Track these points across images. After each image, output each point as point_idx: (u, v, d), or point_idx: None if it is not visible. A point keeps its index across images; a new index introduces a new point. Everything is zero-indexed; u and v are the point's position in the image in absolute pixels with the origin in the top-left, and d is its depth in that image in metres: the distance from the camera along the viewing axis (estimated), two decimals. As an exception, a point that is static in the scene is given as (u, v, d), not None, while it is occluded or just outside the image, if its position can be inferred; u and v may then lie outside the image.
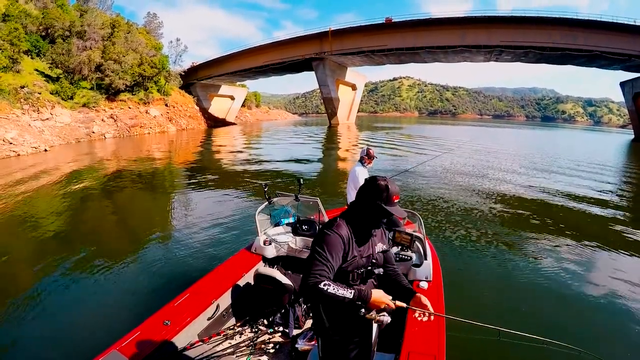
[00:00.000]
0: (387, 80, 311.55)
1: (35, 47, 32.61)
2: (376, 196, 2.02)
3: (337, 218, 2.05)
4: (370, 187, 2.06)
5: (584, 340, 4.09)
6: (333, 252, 1.89)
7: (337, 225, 1.97)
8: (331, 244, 1.90)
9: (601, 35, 40.38)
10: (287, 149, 24.73)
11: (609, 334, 4.29)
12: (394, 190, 2.04)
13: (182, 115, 45.68)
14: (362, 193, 2.09)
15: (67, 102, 29.61)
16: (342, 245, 1.94)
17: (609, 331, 4.35)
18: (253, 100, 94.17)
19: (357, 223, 2.06)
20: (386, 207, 2.01)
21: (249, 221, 7.40)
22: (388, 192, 2.02)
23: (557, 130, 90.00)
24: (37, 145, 20.23)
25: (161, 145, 26.83)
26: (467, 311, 4.37)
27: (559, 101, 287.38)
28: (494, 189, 12.02)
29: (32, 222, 7.90)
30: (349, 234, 1.99)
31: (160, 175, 14.51)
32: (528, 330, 4.07)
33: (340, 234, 1.94)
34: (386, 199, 2.02)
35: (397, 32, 48.95)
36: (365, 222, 2.09)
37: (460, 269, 5.86)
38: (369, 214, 2.06)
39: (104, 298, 4.75)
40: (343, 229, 1.97)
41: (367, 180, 2.11)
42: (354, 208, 2.12)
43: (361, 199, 2.08)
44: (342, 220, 2.03)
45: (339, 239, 1.92)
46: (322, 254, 1.87)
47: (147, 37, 44.50)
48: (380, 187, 2.02)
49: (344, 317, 2.00)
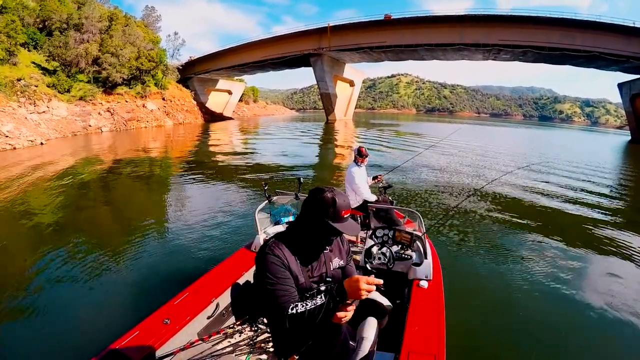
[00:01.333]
0: (385, 77, 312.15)
1: (32, 40, 32.50)
2: (322, 212, 1.79)
3: (271, 238, 1.87)
4: (314, 202, 1.81)
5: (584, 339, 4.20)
6: (279, 273, 1.73)
7: (270, 248, 1.79)
8: (272, 269, 1.73)
9: (600, 36, 40.46)
10: (284, 145, 24.67)
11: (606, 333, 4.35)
12: (343, 204, 1.81)
13: (179, 110, 45.60)
14: (305, 208, 1.86)
15: (63, 95, 29.52)
16: (283, 267, 1.76)
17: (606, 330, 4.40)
18: (251, 95, 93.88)
19: (301, 241, 1.87)
20: (334, 224, 1.78)
21: (249, 220, 7.37)
22: (335, 207, 1.78)
23: (554, 130, 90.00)
24: (33, 138, 20.20)
25: (158, 139, 26.81)
26: (467, 310, 4.49)
27: (556, 101, 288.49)
28: (492, 189, 12.05)
29: (29, 219, 7.87)
30: (287, 255, 1.80)
31: (157, 171, 14.47)
32: (528, 329, 4.24)
33: (277, 255, 1.76)
34: (333, 215, 1.78)
35: (396, 29, 48.84)
36: (313, 240, 1.88)
37: (461, 268, 5.90)
38: (315, 231, 1.84)
39: (103, 297, 4.75)
40: (277, 250, 1.78)
41: (311, 193, 1.87)
42: (297, 224, 1.91)
43: (305, 215, 1.85)
44: (277, 241, 1.84)
45: (277, 260, 1.75)
46: (272, 280, 1.70)
47: (145, 31, 44.31)
48: (326, 201, 1.78)
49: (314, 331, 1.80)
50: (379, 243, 4.02)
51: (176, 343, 2.62)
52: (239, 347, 2.86)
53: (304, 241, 1.88)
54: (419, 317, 2.82)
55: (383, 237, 4.11)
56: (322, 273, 1.94)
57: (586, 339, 4.22)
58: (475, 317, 4.41)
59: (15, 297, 4.69)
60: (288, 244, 1.84)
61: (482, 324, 4.34)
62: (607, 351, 4.01)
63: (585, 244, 7.34)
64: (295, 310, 1.61)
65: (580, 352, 3.97)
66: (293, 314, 1.61)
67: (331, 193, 1.81)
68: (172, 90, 47.06)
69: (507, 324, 4.39)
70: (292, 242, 1.86)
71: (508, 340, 4.11)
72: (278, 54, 56.84)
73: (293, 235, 1.88)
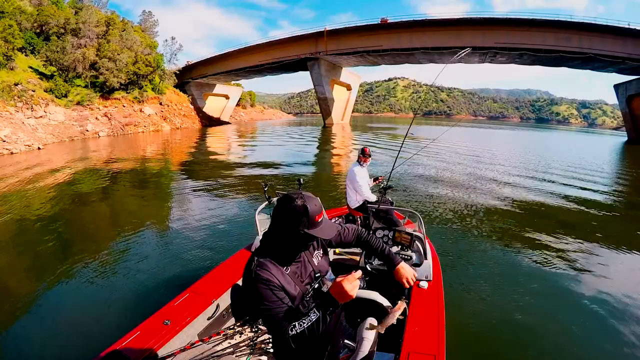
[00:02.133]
0: (382, 81, 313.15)
1: (29, 44, 32.48)
2: (295, 222, 1.72)
3: (254, 258, 1.76)
4: (285, 213, 1.73)
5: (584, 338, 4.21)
6: (272, 297, 1.67)
7: (256, 274, 1.69)
8: (265, 294, 1.66)
9: (595, 37, 40.76)
10: (281, 148, 24.76)
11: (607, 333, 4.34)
12: (315, 209, 1.75)
13: (177, 114, 45.61)
14: (277, 219, 1.76)
15: (61, 100, 29.52)
16: (276, 289, 1.69)
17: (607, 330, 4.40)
18: (248, 100, 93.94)
19: (281, 252, 1.82)
20: (310, 231, 1.74)
21: (249, 221, 7.41)
22: (308, 214, 1.72)
23: (551, 132, 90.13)
24: (30, 143, 20.22)
25: (156, 144, 26.79)
26: (467, 310, 4.53)
27: (553, 103, 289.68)
28: (492, 189, 12.15)
29: (29, 222, 7.87)
30: (275, 273, 1.73)
31: (156, 175, 14.47)
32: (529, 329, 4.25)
33: (266, 279, 1.68)
34: (307, 223, 1.73)
35: (392, 33, 49.11)
36: (292, 249, 1.84)
37: (461, 268, 5.93)
38: (292, 241, 1.78)
39: (103, 298, 4.76)
40: (264, 273, 1.70)
41: (280, 203, 1.77)
42: (273, 236, 1.82)
43: (279, 226, 1.77)
44: (260, 261, 1.74)
45: (268, 284, 1.68)
46: (267, 306, 1.65)
47: (142, 36, 44.32)
48: (297, 210, 1.71)
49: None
50: None
51: (176, 344, 2.65)
52: (239, 348, 2.85)
53: (284, 252, 1.82)
54: (419, 318, 2.83)
55: (383, 238, 4.09)
56: (310, 273, 1.95)
57: (586, 338, 4.23)
58: (475, 317, 4.44)
59: (16, 298, 4.70)
60: (271, 260, 1.77)
61: (482, 324, 4.36)
62: (607, 351, 4.00)
63: (585, 243, 7.39)
64: (295, 331, 1.61)
65: (581, 351, 3.97)
66: (294, 334, 1.61)
67: (301, 200, 1.73)
68: (170, 95, 47.05)
69: (507, 323, 4.42)
70: (273, 256, 1.79)
71: (508, 340, 4.13)
72: (275, 59, 57.06)
73: (272, 249, 1.81)
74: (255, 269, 1.70)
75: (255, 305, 1.67)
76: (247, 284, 1.72)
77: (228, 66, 61.12)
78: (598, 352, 3.95)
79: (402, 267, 2.20)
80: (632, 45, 39.59)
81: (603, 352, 3.96)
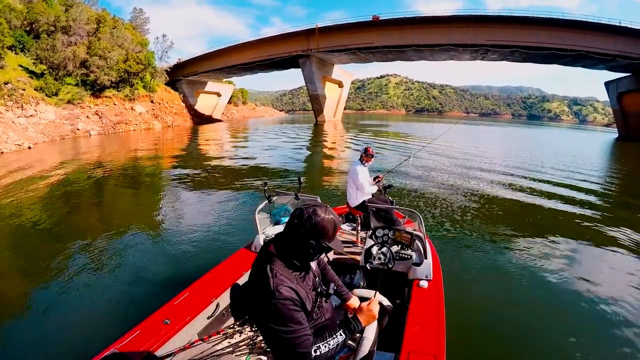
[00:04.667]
0: (374, 78, 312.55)
1: (19, 43, 32.39)
2: (320, 235, 1.69)
3: (269, 274, 1.65)
4: (312, 225, 1.68)
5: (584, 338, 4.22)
6: (294, 318, 1.61)
7: (277, 291, 1.60)
8: (287, 315, 1.60)
9: (586, 35, 41.38)
10: (276, 147, 24.65)
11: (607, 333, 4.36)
12: (338, 223, 1.75)
13: (168, 112, 45.60)
14: (300, 230, 1.69)
15: (51, 99, 29.44)
16: (298, 308, 1.65)
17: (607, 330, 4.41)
18: (240, 97, 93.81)
19: (296, 262, 1.77)
20: (330, 244, 1.73)
21: (249, 220, 7.31)
22: (335, 228, 1.72)
23: (543, 129, 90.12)
24: (21, 142, 20.24)
25: (148, 142, 26.79)
26: (467, 310, 4.54)
27: (544, 100, 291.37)
28: (492, 189, 12.28)
29: (24, 222, 7.87)
30: (295, 288, 1.68)
31: (152, 174, 14.41)
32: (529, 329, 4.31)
33: (288, 298, 1.61)
34: (330, 236, 1.72)
35: (384, 30, 49.39)
36: (307, 259, 1.79)
37: (461, 267, 5.89)
38: (312, 253, 1.73)
39: (103, 297, 4.76)
40: (286, 291, 1.62)
41: (304, 215, 1.70)
42: (288, 246, 1.75)
43: (297, 240, 1.71)
44: (279, 278, 1.65)
45: (290, 303, 1.61)
46: (290, 327, 1.59)
47: (133, 33, 44.14)
48: (325, 224, 1.68)
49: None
50: (379, 243, 4.03)
51: (176, 343, 2.64)
52: (239, 348, 2.82)
53: (299, 261, 1.78)
54: (419, 317, 2.84)
55: (383, 237, 4.13)
56: (313, 280, 1.93)
57: (586, 337, 4.23)
58: (475, 317, 4.46)
59: (15, 298, 4.76)
60: (286, 269, 1.73)
61: (482, 323, 4.38)
62: (607, 351, 4.01)
63: (585, 242, 7.46)
64: (318, 352, 1.63)
65: (581, 351, 3.96)
66: (317, 356, 1.61)
67: (328, 214, 1.71)
68: (161, 93, 47.01)
69: (507, 323, 4.43)
70: (290, 267, 1.75)
71: (508, 340, 4.14)
72: (267, 56, 57.12)
73: (287, 257, 1.75)
74: (276, 285, 1.61)
75: (273, 323, 1.60)
76: (264, 299, 1.61)
77: (220, 63, 61.00)
78: (598, 352, 3.97)
79: (351, 303, 2.33)
80: (622, 43, 40.25)
81: (603, 351, 3.99)
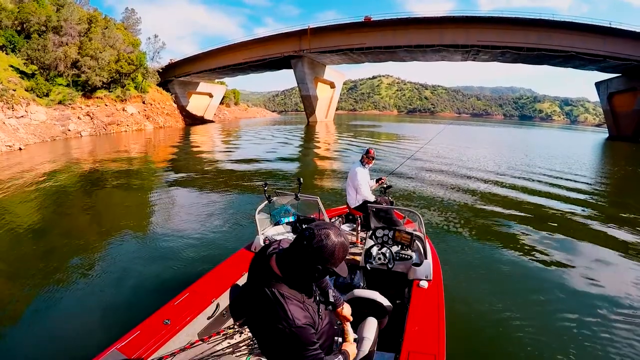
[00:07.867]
0: (366, 79, 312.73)
1: (10, 43, 32.26)
2: (329, 260, 1.62)
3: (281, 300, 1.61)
4: (319, 250, 1.59)
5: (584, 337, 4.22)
6: (310, 342, 1.63)
7: (293, 319, 1.57)
8: (306, 340, 1.61)
9: (577, 36, 42.01)
10: (266, 147, 24.80)
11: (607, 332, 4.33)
12: (347, 246, 1.68)
13: (160, 113, 45.55)
14: (305, 254, 1.61)
15: (42, 99, 29.33)
16: (314, 331, 1.67)
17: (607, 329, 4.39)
18: (232, 98, 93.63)
19: (302, 284, 1.73)
20: (337, 269, 1.68)
21: (249, 220, 7.56)
22: (344, 252, 1.65)
23: (535, 129, 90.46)
24: (11, 143, 20.24)
25: (140, 143, 26.81)
26: (467, 310, 4.58)
27: (536, 100, 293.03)
28: (492, 189, 12.36)
29: (20, 224, 7.86)
30: (308, 311, 1.69)
31: (150, 174, 14.53)
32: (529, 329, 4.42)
33: (305, 325, 1.61)
34: (339, 262, 1.67)
35: (376, 31, 49.79)
36: (312, 282, 1.78)
37: (461, 268, 5.88)
38: (318, 276, 1.68)
39: (103, 298, 4.78)
40: (302, 317, 1.61)
41: (309, 238, 1.60)
42: (292, 272, 1.68)
43: (303, 262, 1.63)
44: (293, 305, 1.62)
45: (307, 330, 1.61)
46: (310, 351, 1.63)
47: (125, 33, 43.95)
48: (334, 251, 1.61)
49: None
50: (379, 243, 4.08)
51: (176, 343, 2.66)
52: (239, 348, 2.82)
53: (305, 283, 1.75)
54: (419, 317, 2.87)
55: (383, 238, 4.16)
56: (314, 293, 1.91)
57: (586, 337, 4.22)
58: (475, 317, 4.48)
59: (15, 300, 4.78)
60: (296, 295, 1.68)
61: (482, 323, 4.39)
62: (607, 350, 4.00)
63: (586, 241, 7.57)
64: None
65: (581, 350, 3.97)
66: None
67: (339, 237, 1.63)
68: (153, 94, 46.90)
69: (507, 323, 4.43)
70: (294, 287, 1.69)
71: (508, 340, 4.14)
72: (259, 56, 57.25)
73: (292, 282, 1.69)
74: (294, 314, 1.59)
75: (293, 349, 1.60)
76: (279, 325, 1.58)
77: (212, 64, 61.02)
78: (598, 351, 3.98)
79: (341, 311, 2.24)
80: (611, 44, 40.93)
81: (603, 351, 3.99)
